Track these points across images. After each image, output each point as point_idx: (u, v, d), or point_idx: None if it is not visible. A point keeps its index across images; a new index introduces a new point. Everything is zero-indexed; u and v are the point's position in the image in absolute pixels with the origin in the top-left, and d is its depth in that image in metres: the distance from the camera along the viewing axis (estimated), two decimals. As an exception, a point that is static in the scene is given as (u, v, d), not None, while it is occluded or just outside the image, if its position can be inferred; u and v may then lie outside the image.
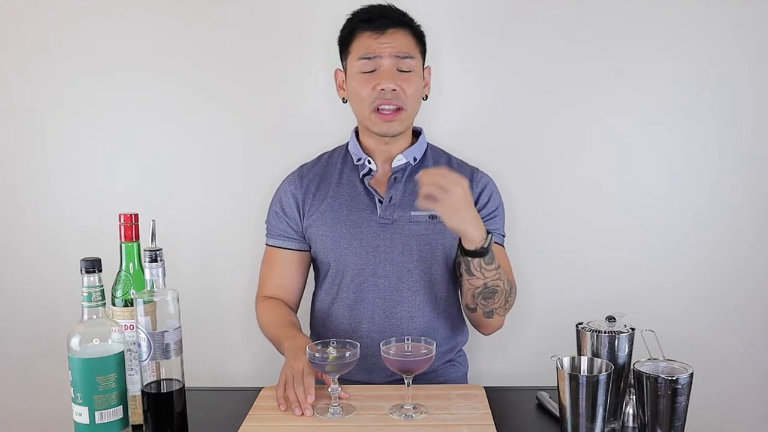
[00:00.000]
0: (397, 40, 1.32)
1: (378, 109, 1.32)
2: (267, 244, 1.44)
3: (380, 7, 1.37)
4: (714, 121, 1.63)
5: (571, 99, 1.63)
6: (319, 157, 1.48)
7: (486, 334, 1.40)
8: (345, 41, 1.37)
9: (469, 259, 1.19)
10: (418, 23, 1.38)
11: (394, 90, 1.30)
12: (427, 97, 1.42)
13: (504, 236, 1.42)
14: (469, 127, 1.64)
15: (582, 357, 1.03)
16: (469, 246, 1.17)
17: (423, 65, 1.39)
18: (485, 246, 1.17)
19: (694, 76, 1.61)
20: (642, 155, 1.65)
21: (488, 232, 1.18)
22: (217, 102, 1.65)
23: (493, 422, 1.08)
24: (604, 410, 0.97)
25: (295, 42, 1.62)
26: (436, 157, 1.44)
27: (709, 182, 1.65)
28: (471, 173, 1.42)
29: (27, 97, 1.66)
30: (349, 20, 1.37)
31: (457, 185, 1.12)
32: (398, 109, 1.32)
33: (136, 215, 1.08)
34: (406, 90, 1.32)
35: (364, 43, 1.33)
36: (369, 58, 1.32)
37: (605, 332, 1.05)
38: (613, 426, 1.08)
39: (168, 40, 1.63)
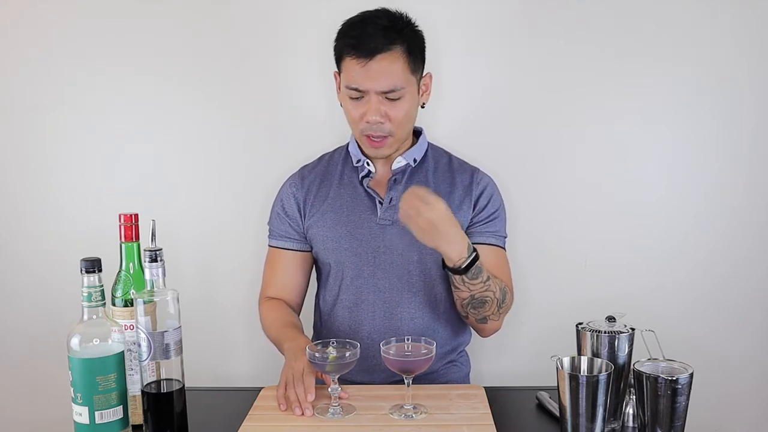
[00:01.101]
0: (384, 72, 1.25)
1: (365, 134, 1.31)
2: (269, 245, 1.44)
3: (369, 27, 1.26)
4: (714, 121, 1.63)
5: (572, 99, 1.63)
6: (320, 158, 1.48)
7: (484, 337, 1.40)
8: (336, 57, 1.33)
9: (450, 274, 1.21)
10: (418, 28, 1.32)
11: (380, 122, 1.28)
12: (424, 105, 1.38)
13: (505, 237, 1.41)
14: (470, 127, 1.64)
15: (582, 357, 1.03)
16: (447, 263, 1.20)
17: (421, 75, 1.34)
18: (462, 266, 1.18)
19: (694, 76, 1.61)
20: (642, 155, 1.65)
21: (474, 251, 1.19)
22: (218, 102, 1.65)
23: (493, 422, 1.08)
24: (604, 410, 0.97)
25: (296, 42, 1.62)
26: (437, 157, 1.44)
27: (709, 182, 1.65)
28: (471, 173, 1.41)
29: (27, 97, 1.66)
30: (337, 39, 1.31)
31: (428, 206, 1.12)
32: (386, 137, 1.31)
33: (136, 215, 1.08)
34: (393, 118, 1.28)
35: (350, 71, 1.27)
36: (355, 89, 1.28)
37: (605, 332, 1.05)
38: (613, 426, 1.08)
39: (168, 39, 1.63)
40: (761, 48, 1.60)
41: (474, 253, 1.19)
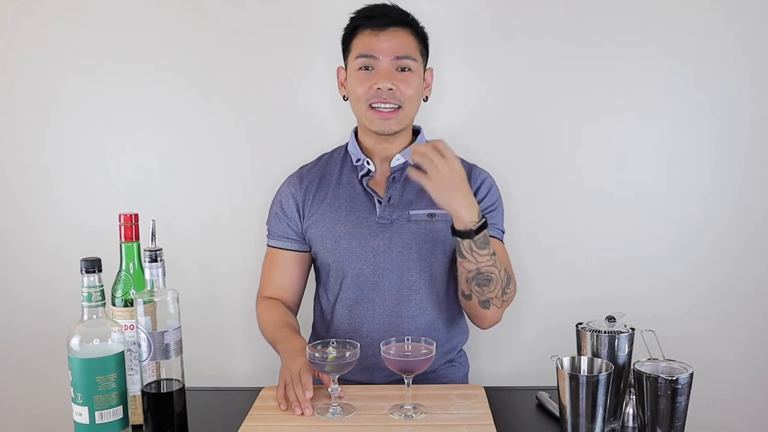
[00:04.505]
0: (397, 40, 1.31)
1: (373, 106, 1.32)
2: (268, 245, 1.44)
3: (383, 5, 1.36)
4: (713, 121, 1.63)
5: (571, 98, 1.63)
6: (319, 158, 1.48)
7: (483, 328, 1.37)
8: (347, 39, 1.37)
9: (459, 239, 1.19)
10: (422, 25, 1.37)
11: (390, 89, 1.30)
12: (427, 98, 1.41)
13: (503, 232, 1.41)
14: (468, 126, 1.64)
15: (582, 357, 1.03)
16: (458, 226, 1.18)
17: (425, 66, 1.38)
18: (473, 228, 1.16)
19: (694, 75, 1.62)
20: (642, 155, 1.65)
21: (484, 218, 1.18)
22: (218, 102, 1.65)
23: (493, 422, 1.08)
24: (604, 410, 0.97)
25: (297, 42, 1.62)
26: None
27: (708, 182, 1.65)
28: (470, 170, 1.41)
29: (27, 96, 1.66)
30: (351, 18, 1.37)
31: (448, 162, 1.14)
32: (396, 108, 1.32)
33: (136, 215, 1.08)
34: (404, 90, 1.31)
35: (363, 40, 1.33)
36: (367, 57, 1.32)
37: (605, 332, 1.05)
38: (613, 426, 1.08)
39: (169, 39, 1.63)
40: (761, 45, 1.60)
41: (484, 219, 1.18)
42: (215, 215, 1.69)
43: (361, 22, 1.34)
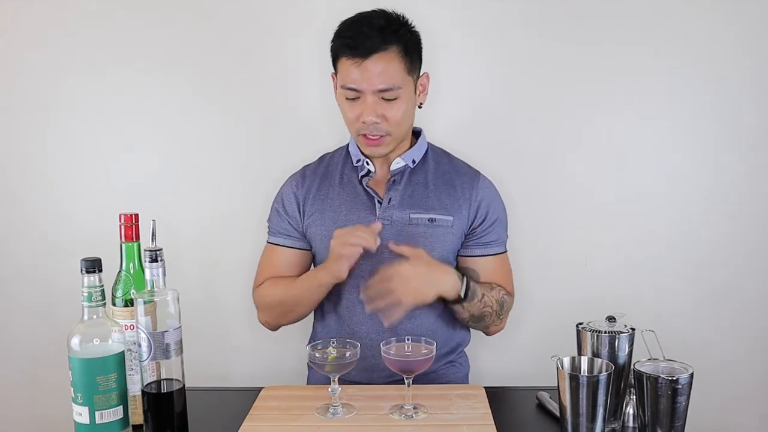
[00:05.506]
0: (381, 68, 1.24)
1: (361, 133, 1.31)
2: (268, 242, 1.44)
3: (365, 26, 1.26)
4: (713, 121, 1.63)
5: (571, 98, 1.63)
6: (322, 158, 1.48)
7: (489, 335, 1.45)
8: (332, 58, 1.33)
9: (450, 305, 1.29)
10: (413, 26, 1.32)
11: (376, 122, 1.28)
12: (422, 105, 1.38)
13: (506, 238, 1.42)
14: (468, 126, 1.64)
15: (582, 357, 1.03)
16: (448, 298, 1.27)
17: (418, 75, 1.34)
18: (461, 297, 1.25)
19: (694, 75, 1.61)
20: (642, 155, 1.65)
21: (463, 275, 1.27)
22: (218, 102, 1.65)
23: (493, 422, 1.08)
24: (604, 410, 0.97)
25: (297, 43, 1.62)
26: (436, 158, 1.43)
27: (709, 182, 1.65)
28: (472, 179, 1.41)
29: (27, 96, 1.66)
30: (333, 39, 1.31)
31: (394, 277, 1.22)
32: (383, 135, 1.31)
33: (136, 215, 1.08)
34: (390, 117, 1.28)
35: (346, 70, 1.27)
36: (351, 89, 1.28)
37: (605, 332, 1.05)
38: (613, 426, 1.08)
39: (169, 39, 1.63)
40: (761, 45, 1.60)
41: (465, 279, 1.26)
42: (215, 215, 1.69)
43: (343, 50, 1.27)
